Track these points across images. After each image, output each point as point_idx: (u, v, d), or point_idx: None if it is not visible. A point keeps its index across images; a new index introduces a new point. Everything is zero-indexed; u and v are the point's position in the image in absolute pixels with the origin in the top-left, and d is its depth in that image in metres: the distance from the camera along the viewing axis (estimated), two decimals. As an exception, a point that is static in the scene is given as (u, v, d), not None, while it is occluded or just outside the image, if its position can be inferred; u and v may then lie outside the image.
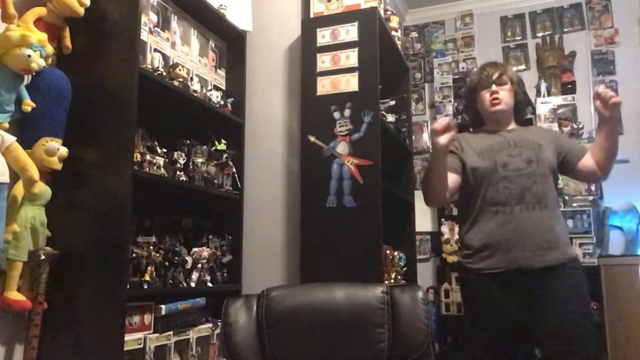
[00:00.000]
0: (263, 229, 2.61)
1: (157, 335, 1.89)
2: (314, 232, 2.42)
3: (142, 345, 1.82)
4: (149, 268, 1.90)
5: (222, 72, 2.61)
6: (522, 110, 2.21)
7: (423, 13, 4.66)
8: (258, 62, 2.76)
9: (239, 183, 2.45)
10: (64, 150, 1.70)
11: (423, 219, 4.06)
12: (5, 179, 1.50)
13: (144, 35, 2.02)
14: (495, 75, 2.05)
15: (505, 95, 2.05)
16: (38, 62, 1.60)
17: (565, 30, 4.22)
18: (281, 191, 2.64)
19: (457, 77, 4.28)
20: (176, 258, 2.04)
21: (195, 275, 2.12)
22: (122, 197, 1.74)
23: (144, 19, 2.01)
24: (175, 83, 2.11)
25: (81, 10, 1.79)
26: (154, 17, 2.13)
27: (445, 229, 4.07)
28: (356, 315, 1.66)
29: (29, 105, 1.63)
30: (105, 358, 1.66)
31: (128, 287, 1.73)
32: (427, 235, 4.23)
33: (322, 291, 1.74)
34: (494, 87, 2.04)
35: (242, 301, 1.70)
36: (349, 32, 2.53)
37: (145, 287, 1.85)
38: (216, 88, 2.51)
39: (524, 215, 1.89)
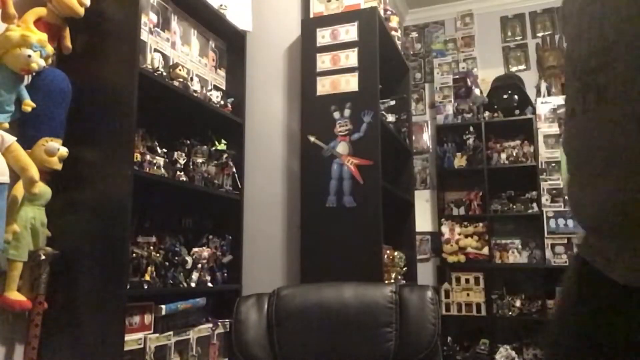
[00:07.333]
0: (263, 229, 2.61)
1: (157, 335, 1.89)
2: (314, 232, 2.42)
3: (142, 345, 1.82)
4: (149, 268, 1.90)
5: (222, 72, 2.61)
6: None
7: (423, 13, 4.67)
8: (258, 62, 2.76)
9: (239, 183, 2.45)
10: (64, 150, 1.70)
11: (423, 219, 4.06)
12: (6, 179, 1.50)
13: (144, 35, 2.02)
14: None
15: None
16: (38, 62, 1.60)
17: (565, 30, 4.22)
18: (281, 191, 2.64)
19: (457, 77, 4.28)
20: (176, 258, 2.04)
21: (195, 275, 2.12)
22: (122, 197, 1.74)
23: (144, 19, 2.01)
24: (176, 83, 2.11)
25: (81, 11, 1.80)
26: (154, 17, 2.13)
27: (445, 229, 4.07)
28: (364, 315, 1.67)
29: (29, 105, 1.63)
30: (105, 358, 1.66)
31: (128, 287, 1.73)
32: (427, 235, 4.24)
33: (332, 290, 1.75)
34: None
35: (253, 300, 1.71)
36: (349, 32, 2.53)
37: (145, 287, 1.85)
38: (216, 88, 2.51)
39: None
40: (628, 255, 0.46)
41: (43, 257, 1.64)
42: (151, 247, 1.94)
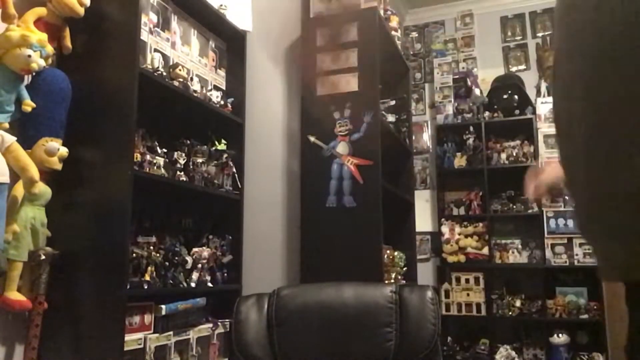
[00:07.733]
0: (263, 229, 2.61)
1: (157, 335, 1.89)
2: (314, 232, 2.42)
3: (142, 345, 1.82)
4: (149, 268, 1.89)
5: (222, 72, 2.61)
6: None
7: (423, 13, 4.67)
8: (258, 62, 2.76)
9: (239, 183, 2.44)
10: (64, 150, 1.70)
11: (423, 219, 4.06)
12: (6, 179, 1.50)
13: (144, 35, 2.02)
14: None
15: None
16: (38, 62, 1.60)
17: (565, 30, 4.22)
18: (281, 191, 2.64)
19: (457, 77, 4.28)
20: (176, 258, 2.04)
21: (195, 275, 2.12)
22: (122, 197, 1.74)
23: (144, 19, 2.01)
24: (176, 83, 2.11)
25: (81, 11, 1.79)
26: (154, 17, 2.13)
27: (445, 229, 4.07)
28: (364, 315, 1.67)
29: (29, 105, 1.63)
30: (105, 358, 1.66)
31: (128, 287, 1.73)
32: (427, 235, 4.24)
33: (332, 290, 1.75)
34: None
35: (253, 300, 1.72)
36: (349, 32, 2.53)
37: (146, 287, 1.85)
38: (216, 88, 2.51)
39: None
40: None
41: (43, 257, 1.64)
42: (151, 247, 1.94)
